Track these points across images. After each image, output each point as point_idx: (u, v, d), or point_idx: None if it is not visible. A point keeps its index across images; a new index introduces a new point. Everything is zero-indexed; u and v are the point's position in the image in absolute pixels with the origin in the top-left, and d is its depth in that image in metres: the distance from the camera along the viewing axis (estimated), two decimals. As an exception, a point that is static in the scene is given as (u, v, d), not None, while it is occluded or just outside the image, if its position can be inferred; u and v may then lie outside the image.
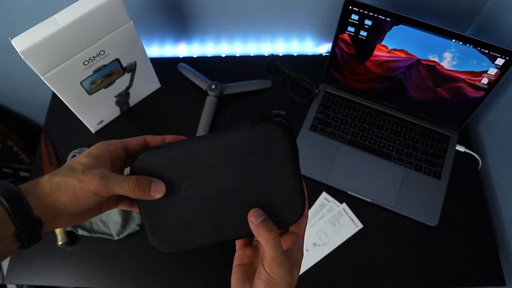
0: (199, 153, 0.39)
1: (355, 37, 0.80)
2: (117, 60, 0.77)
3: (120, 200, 0.43)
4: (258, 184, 0.40)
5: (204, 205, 0.39)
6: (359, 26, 0.78)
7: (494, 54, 0.71)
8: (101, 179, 0.37)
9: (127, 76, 0.83)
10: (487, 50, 0.71)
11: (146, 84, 0.91)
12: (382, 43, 0.79)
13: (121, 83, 0.83)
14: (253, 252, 0.43)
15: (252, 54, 1.02)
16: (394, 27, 0.75)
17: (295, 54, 1.01)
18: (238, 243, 0.44)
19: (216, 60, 1.00)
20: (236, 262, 0.43)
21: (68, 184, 0.36)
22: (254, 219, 0.38)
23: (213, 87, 0.89)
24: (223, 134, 0.40)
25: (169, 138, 0.42)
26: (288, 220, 0.40)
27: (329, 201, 0.82)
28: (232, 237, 0.40)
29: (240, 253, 0.43)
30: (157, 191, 0.38)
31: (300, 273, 0.74)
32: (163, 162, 0.39)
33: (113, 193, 0.37)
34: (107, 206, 0.42)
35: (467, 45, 0.72)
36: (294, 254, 0.39)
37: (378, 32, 0.77)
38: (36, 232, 0.35)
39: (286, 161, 0.40)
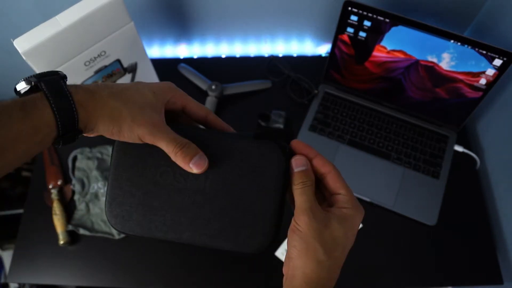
0: None
1: (354, 38, 0.81)
2: (118, 60, 0.78)
3: None
4: (236, 197, 0.37)
5: (173, 198, 0.37)
6: (358, 27, 0.79)
7: (492, 55, 0.72)
8: (153, 127, 0.35)
9: (128, 76, 0.84)
10: (485, 51, 0.72)
11: (146, 85, 0.92)
12: (381, 44, 0.79)
13: (122, 83, 0.84)
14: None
15: (252, 55, 1.03)
16: (393, 28, 0.76)
17: (295, 55, 1.01)
18: None
19: (216, 61, 1.01)
20: None
21: (121, 115, 0.35)
22: (295, 165, 0.37)
23: (213, 87, 0.90)
24: (221, 134, 0.39)
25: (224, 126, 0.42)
26: (250, 246, 0.37)
27: (328, 201, 0.82)
28: (187, 241, 0.37)
29: None
30: (198, 165, 0.36)
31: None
32: None
33: (156, 144, 0.36)
34: None
35: (465, 46, 0.72)
36: (339, 211, 0.37)
37: (377, 33, 0.78)
38: (73, 141, 0.35)
39: (274, 186, 0.37)
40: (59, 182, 0.85)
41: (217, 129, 0.41)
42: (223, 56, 1.02)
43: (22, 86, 0.34)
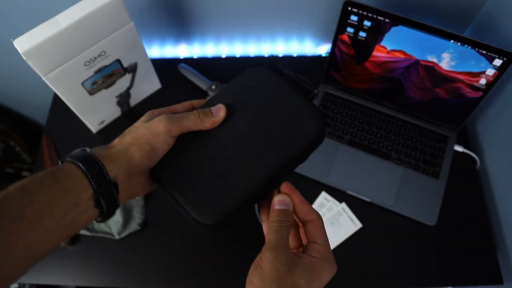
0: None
1: (354, 38, 0.81)
2: (118, 60, 0.78)
3: None
4: (268, 117, 0.40)
5: (227, 155, 0.39)
6: (358, 27, 0.79)
7: (492, 55, 0.72)
8: (168, 118, 0.38)
9: (128, 76, 0.84)
10: (485, 51, 0.72)
11: (146, 85, 0.92)
12: (381, 44, 0.79)
13: (122, 83, 0.84)
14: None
15: (252, 55, 1.03)
16: (393, 28, 0.76)
17: (295, 55, 1.01)
18: None
19: (216, 61, 1.01)
20: None
21: (139, 136, 0.37)
22: (277, 203, 0.38)
23: (213, 87, 0.90)
24: (221, 89, 0.44)
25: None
26: (312, 131, 0.39)
27: (328, 201, 0.82)
28: (266, 174, 0.38)
29: None
30: (218, 110, 0.40)
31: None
32: None
33: (182, 128, 0.39)
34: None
35: (465, 46, 0.72)
36: (309, 259, 0.36)
37: (377, 33, 0.78)
38: (113, 196, 0.36)
39: (282, 88, 0.41)
40: (59, 182, 0.85)
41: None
42: (223, 56, 1.02)
43: None
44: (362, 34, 0.79)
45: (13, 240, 0.30)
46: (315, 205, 0.82)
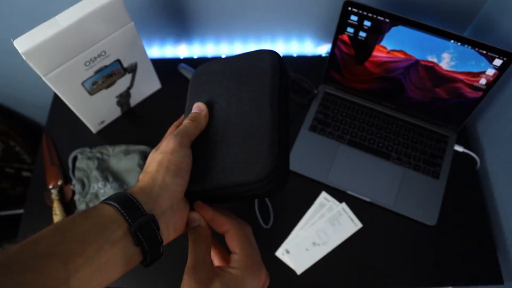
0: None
1: (354, 38, 0.81)
2: (118, 60, 0.78)
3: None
4: (236, 82, 0.45)
5: (233, 125, 0.42)
6: (358, 27, 0.79)
7: (492, 55, 0.72)
8: (174, 134, 0.40)
9: (128, 76, 0.84)
10: (485, 51, 0.72)
11: (147, 85, 0.92)
12: (381, 44, 0.79)
13: (122, 83, 0.84)
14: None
15: (252, 55, 1.03)
16: (393, 28, 0.76)
17: (295, 55, 1.01)
18: None
19: (216, 61, 1.01)
20: None
21: (160, 161, 0.37)
22: (188, 222, 0.38)
23: (213, 87, 0.90)
24: (187, 98, 0.49)
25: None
26: (270, 59, 0.47)
27: (328, 201, 0.82)
28: (273, 111, 0.41)
29: None
30: (198, 107, 0.43)
31: (300, 272, 0.74)
32: None
33: (190, 136, 0.41)
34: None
35: (465, 46, 0.72)
36: (227, 272, 0.35)
37: (377, 33, 0.78)
38: (152, 231, 0.33)
39: (231, 60, 0.48)
40: (59, 182, 0.85)
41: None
42: (223, 56, 1.02)
43: None
44: (362, 34, 0.79)
45: (40, 279, 0.29)
46: (315, 205, 0.82)
